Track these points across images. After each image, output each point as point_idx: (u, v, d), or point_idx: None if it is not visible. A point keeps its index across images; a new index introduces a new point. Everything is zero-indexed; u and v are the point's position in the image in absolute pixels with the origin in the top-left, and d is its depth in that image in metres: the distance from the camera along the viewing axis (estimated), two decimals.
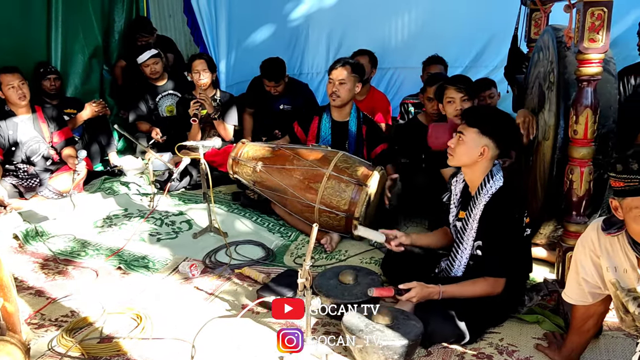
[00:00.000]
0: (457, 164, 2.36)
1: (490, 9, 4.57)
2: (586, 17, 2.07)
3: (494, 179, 2.26)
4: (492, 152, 2.26)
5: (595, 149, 2.23)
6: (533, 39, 3.30)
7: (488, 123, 2.26)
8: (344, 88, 3.36)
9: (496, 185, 2.26)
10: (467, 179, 2.39)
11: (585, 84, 2.17)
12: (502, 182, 2.27)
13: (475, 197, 2.30)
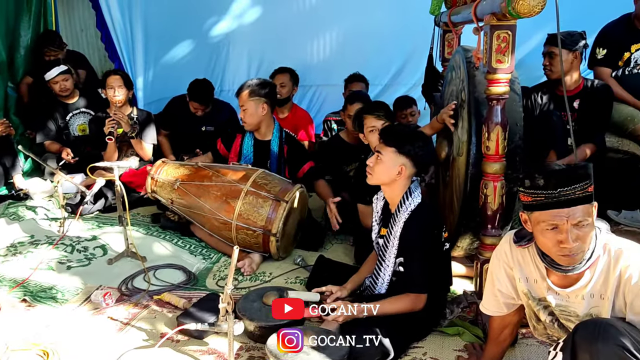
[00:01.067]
0: (376, 183, 2.39)
1: (408, 29, 4.73)
2: (493, 39, 2.17)
3: (412, 196, 2.31)
4: (409, 170, 2.31)
5: (505, 164, 2.34)
6: (447, 58, 3.44)
7: (405, 142, 2.30)
8: (246, 113, 3.34)
9: (415, 202, 2.30)
10: (387, 197, 2.42)
11: (495, 102, 2.27)
12: (421, 198, 2.33)
13: (395, 214, 2.34)
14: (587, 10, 4.15)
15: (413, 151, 2.29)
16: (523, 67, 4.73)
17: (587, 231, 1.58)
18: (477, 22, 2.34)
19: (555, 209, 1.57)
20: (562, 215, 1.56)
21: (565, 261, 1.62)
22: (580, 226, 1.57)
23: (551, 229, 1.59)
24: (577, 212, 1.56)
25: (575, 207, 1.56)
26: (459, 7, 2.92)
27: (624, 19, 3.77)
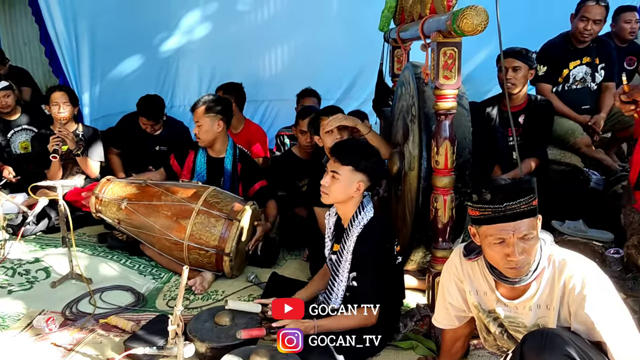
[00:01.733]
0: (332, 202, 2.39)
1: (359, 44, 4.78)
2: (440, 56, 2.21)
3: (364, 211, 2.32)
4: (365, 186, 2.33)
5: (455, 177, 2.38)
6: (396, 73, 3.50)
7: (360, 159, 2.32)
8: (201, 130, 3.30)
9: (367, 217, 2.32)
10: (340, 213, 2.43)
11: (443, 117, 2.30)
12: (373, 213, 2.34)
13: (348, 229, 2.34)
14: (527, 29, 4.33)
15: (369, 167, 2.31)
16: (471, 81, 4.88)
17: (533, 244, 1.62)
18: (424, 39, 2.38)
19: (501, 223, 1.61)
20: (509, 229, 1.60)
21: (512, 273, 1.66)
22: (526, 239, 1.61)
23: (498, 242, 1.62)
24: (523, 226, 1.60)
25: (521, 221, 1.60)
26: (407, 24, 2.98)
27: (562, 37, 3.94)
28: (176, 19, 4.85)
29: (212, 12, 4.86)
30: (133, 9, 4.63)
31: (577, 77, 3.88)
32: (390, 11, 3.28)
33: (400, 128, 2.99)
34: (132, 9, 4.63)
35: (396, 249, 2.34)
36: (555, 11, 4.43)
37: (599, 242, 2.90)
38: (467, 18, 1.94)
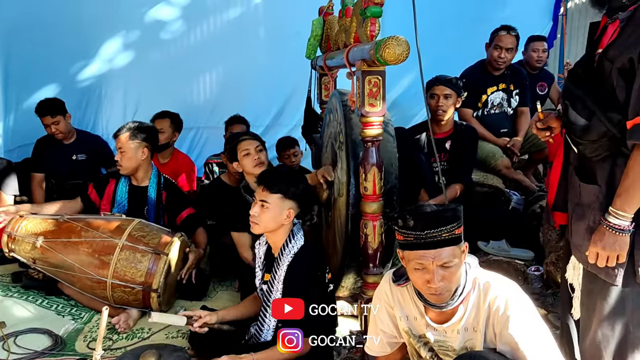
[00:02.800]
0: (262, 232, 2.36)
1: (286, 70, 4.82)
2: (365, 84, 2.25)
3: (295, 239, 2.32)
4: (295, 212, 2.32)
5: (383, 203, 2.41)
6: (324, 100, 3.54)
7: (290, 186, 2.31)
8: (124, 156, 3.19)
9: (298, 245, 2.31)
10: (271, 242, 2.40)
11: (370, 144, 2.34)
12: (303, 240, 2.34)
13: (278, 259, 2.32)
14: (447, 57, 4.53)
15: (298, 193, 2.32)
16: (397, 107, 5.04)
17: (453, 271, 1.65)
18: (349, 67, 2.43)
19: (422, 249, 1.64)
20: (429, 256, 1.63)
21: (433, 299, 1.69)
22: (446, 267, 1.64)
23: (419, 268, 1.66)
24: (444, 254, 1.63)
25: (441, 249, 1.63)
26: (333, 52, 3.03)
27: (479, 64, 4.15)
28: (95, 47, 4.70)
29: (134, 40, 4.75)
30: (49, 38, 4.45)
31: (495, 103, 4.08)
32: (317, 39, 3.33)
33: (329, 154, 3.02)
34: (48, 38, 4.45)
35: (327, 276, 2.32)
36: (472, 40, 4.68)
37: (521, 261, 3.02)
38: (389, 48, 1.99)
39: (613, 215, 1.68)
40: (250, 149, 3.08)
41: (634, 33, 1.62)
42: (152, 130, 3.35)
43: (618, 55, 1.65)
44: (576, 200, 1.87)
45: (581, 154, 1.81)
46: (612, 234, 1.69)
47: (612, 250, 1.69)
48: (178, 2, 4.75)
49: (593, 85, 1.75)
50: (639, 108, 1.59)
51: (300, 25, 4.07)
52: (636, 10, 1.65)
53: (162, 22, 4.77)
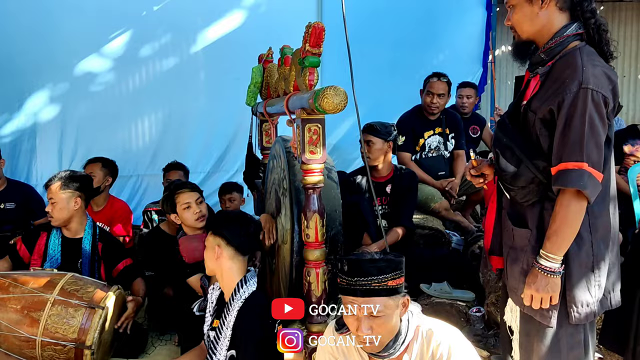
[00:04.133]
0: (210, 273, 2.40)
1: (228, 116, 4.84)
2: (305, 131, 2.27)
3: (247, 284, 2.28)
4: (226, 251, 2.31)
5: (327, 250, 2.40)
6: (266, 146, 3.54)
7: (216, 223, 2.39)
8: (55, 207, 3.06)
9: (249, 290, 2.27)
10: (222, 286, 2.37)
11: (311, 191, 2.34)
12: (256, 287, 2.30)
13: (229, 304, 2.27)
14: (384, 102, 4.69)
15: (225, 231, 2.33)
16: (337, 151, 5.12)
17: (383, 322, 1.65)
18: (289, 115, 2.44)
19: (351, 296, 1.64)
20: (356, 303, 1.64)
21: (365, 348, 1.69)
22: (374, 317, 1.64)
23: (349, 314, 1.66)
24: (372, 303, 1.63)
25: (371, 298, 1.63)
26: (273, 99, 3.05)
27: (415, 109, 4.30)
28: (17, 102, 4.57)
29: (63, 92, 4.65)
30: None
31: (432, 146, 4.22)
32: (257, 86, 3.35)
33: (273, 201, 3.00)
34: None
35: (278, 327, 2.28)
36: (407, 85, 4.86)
37: (463, 302, 3.07)
38: (327, 98, 2.03)
39: (544, 258, 1.75)
40: (190, 202, 3.01)
41: (552, 86, 1.74)
42: (86, 180, 3.22)
43: (539, 107, 1.77)
44: (510, 243, 1.94)
45: (513, 200, 1.89)
46: (544, 276, 1.75)
47: (544, 292, 1.76)
48: (110, 53, 4.69)
49: (520, 135, 1.85)
50: (561, 155, 1.70)
51: (240, 72, 4.12)
52: (554, 65, 1.78)
53: (93, 74, 4.69)
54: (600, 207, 1.81)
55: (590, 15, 1.79)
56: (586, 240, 1.78)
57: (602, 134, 1.70)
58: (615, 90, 1.73)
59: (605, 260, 1.82)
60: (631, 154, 3.70)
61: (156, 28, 4.74)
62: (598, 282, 1.81)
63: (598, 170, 1.69)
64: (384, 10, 5.18)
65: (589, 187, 1.67)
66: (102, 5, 4.55)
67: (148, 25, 4.70)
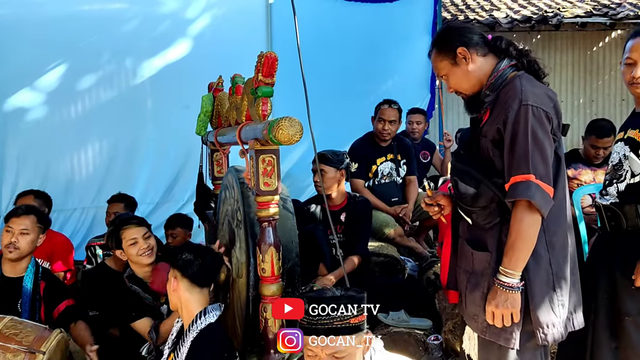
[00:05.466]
0: (173, 307, 2.34)
1: (176, 145, 4.71)
2: (259, 162, 2.22)
3: (206, 316, 2.20)
4: (182, 283, 2.25)
5: (284, 283, 2.33)
6: (217, 176, 3.46)
7: (174, 255, 2.33)
8: (25, 239, 2.88)
9: (207, 321, 2.19)
10: (182, 318, 2.30)
11: (267, 224, 2.28)
12: (215, 319, 2.22)
13: (185, 334, 2.19)
14: (336, 130, 4.71)
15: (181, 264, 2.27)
16: (290, 178, 5.06)
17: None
18: (242, 146, 2.39)
19: (312, 335, 1.59)
20: (318, 342, 1.58)
21: None
22: (336, 357, 1.60)
23: (311, 355, 1.61)
24: (335, 342, 1.59)
25: (333, 337, 1.59)
26: (225, 128, 2.99)
27: (367, 136, 4.33)
28: None
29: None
30: None
31: (385, 172, 4.24)
32: (207, 115, 3.28)
33: (226, 233, 2.90)
34: None
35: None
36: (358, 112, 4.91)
37: (421, 330, 3.04)
38: (282, 129, 1.99)
39: (503, 274, 1.78)
40: (137, 238, 2.88)
41: (497, 109, 1.84)
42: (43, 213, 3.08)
43: (489, 129, 1.85)
44: (469, 269, 1.94)
45: (474, 223, 1.90)
46: (503, 292, 1.78)
47: (504, 308, 1.77)
48: (43, 87, 4.50)
49: (475, 159, 1.93)
50: (510, 170, 1.76)
51: (189, 100, 4.03)
52: (498, 94, 1.87)
53: (29, 106, 4.49)
54: (556, 225, 1.84)
55: (506, 45, 1.91)
56: (544, 258, 1.81)
57: (548, 147, 1.77)
58: (556, 107, 1.83)
59: (566, 279, 1.85)
60: (574, 177, 3.83)
61: (98, 57, 4.59)
62: (561, 302, 1.83)
63: (547, 184, 1.74)
64: (331, 38, 5.22)
65: (537, 197, 1.72)
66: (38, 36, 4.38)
67: (87, 54, 4.55)
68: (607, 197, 2.22)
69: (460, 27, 2.00)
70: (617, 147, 2.22)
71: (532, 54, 1.91)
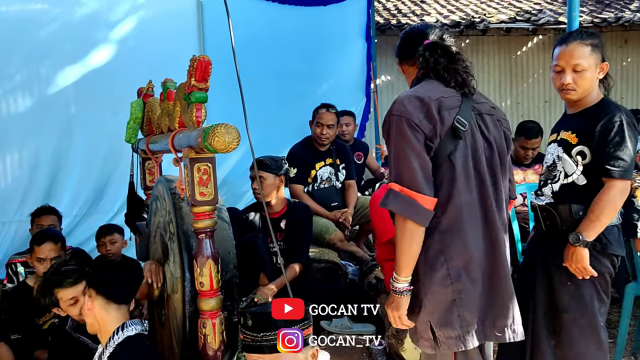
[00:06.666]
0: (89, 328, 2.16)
1: (106, 153, 4.46)
2: (194, 171, 2.11)
3: (124, 330, 2.08)
4: (97, 300, 2.10)
5: (223, 297, 2.23)
6: (149, 186, 3.29)
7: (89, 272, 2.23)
8: None
9: (125, 335, 2.06)
10: (100, 338, 2.14)
11: (203, 235, 2.17)
12: (135, 333, 2.09)
13: (102, 353, 2.06)
14: (273, 135, 4.66)
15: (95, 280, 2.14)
16: (226, 185, 4.94)
17: None
18: (176, 154, 2.27)
19: (257, 353, 1.53)
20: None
21: None
22: None
23: None
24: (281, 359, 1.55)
25: (279, 354, 1.55)
26: (156, 135, 2.84)
27: (305, 141, 4.28)
28: None
29: None
30: None
31: (324, 177, 4.20)
32: (137, 122, 3.12)
33: (159, 246, 2.76)
34: None
35: None
36: (295, 117, 4.86)
37: (364, 336, 3.01)
38: (218, 136, 1.89)
39: (394, 280, 1.82)
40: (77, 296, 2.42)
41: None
42: None
43: None
44: None
45: None
46: (392, 295, 1.83)
47: (391, 310, 1.84)
48: None
49: None
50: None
51: (118, 106, 3.83)
52: None
53: None
54: (454, 234, 1.78)
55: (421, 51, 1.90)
56: (439, 267, 1.78)
57: (412, 155, 1.74)
58: (430, 112, 1.77)
59: (468, 292, 1.79)
60: None
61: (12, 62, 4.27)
62: (460, 314, 1.79)
63: (414, 190, 1.72)
64: (266, 41, 5.16)
65: (391, 204, 1.74)
66: None
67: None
68: (543, 197, 2.27)
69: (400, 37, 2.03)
70: (550, 148, 2.28)
71: (442, 60, 1.87)
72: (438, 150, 1.77)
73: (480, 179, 1.82)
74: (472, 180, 1.81)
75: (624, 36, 7.99)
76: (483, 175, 1.83)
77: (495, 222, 1.83)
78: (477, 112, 1.88)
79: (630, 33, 7.91)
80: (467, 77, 1.88)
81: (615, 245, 2.17)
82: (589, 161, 2.14)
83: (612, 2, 8.57)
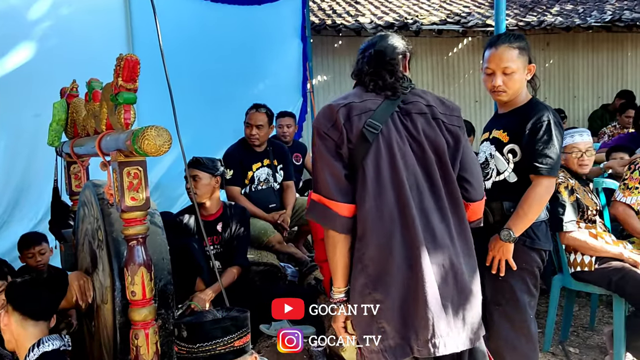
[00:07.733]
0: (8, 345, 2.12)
1: (27, 157, 4.18)
2: (123, 176, 2.01)
3: (40, 347, 2.01)
4: (13, 316, 2.06)
5: (157, 305, 2.14)
6: (75, 191, 3.13)
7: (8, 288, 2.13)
8: None
9: (41, 351, 2.00)
10: (18, 355, 2.07)
11: (135, 242, 2.07)
12: (52, 349, 2.02)
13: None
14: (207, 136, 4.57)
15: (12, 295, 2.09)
16: (160, 188, 4.79)
17: None
18: (103, 158, 2.16)
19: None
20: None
21: None
22: None
23: None
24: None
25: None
26: (82, 138, 2.70)
27: (241, 142, 4.21)
28: None
29: None
30: None
31: (261, 178, 4.15)
32: (60, 124, 2.95)
33: (87, 254, 2.62)
34: None
35: None
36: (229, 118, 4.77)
37: (305, 338, 2.99)
38: (148, 139, 1.81)
39: (333, 290, 1.82)
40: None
41: None
42: None
43: None
44: None
45: None
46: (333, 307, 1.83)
47: (332, 321, 1.86)
48: None
49: None
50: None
51: (40, 107, 3.60)
52: None
53: None
54: (367, 241, 1.71)
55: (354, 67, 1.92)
56: (358, 275, 1.73)
57: (322, 163, 1.76)
58: (336, 119, 1.75)
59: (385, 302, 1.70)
60: None
61: None
62: (380, 326, 1.71)
63: (328, 198, 1.73)
64: (198, 40, 5.03)
65: (310, 214, 1.79)
66: None
67: None
68: None
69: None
70: (483, 146, 2.35)
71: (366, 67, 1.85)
72: (353, 156, 1.74)
73: (398, 183, 1.72)
74: (386, 185, 1.72)
75: (545, 39, 8.38)
76: (401, 180, 1.71)
77: (416, 228, 1.68)
78: (405, 112, 1.79)
79: (552, 36, 8.31)
80: (393, 79, 1.81)
81: (543, 240, 2.27)
82: (519, 159, 2.22)
83: (535, 6, 8.99)
